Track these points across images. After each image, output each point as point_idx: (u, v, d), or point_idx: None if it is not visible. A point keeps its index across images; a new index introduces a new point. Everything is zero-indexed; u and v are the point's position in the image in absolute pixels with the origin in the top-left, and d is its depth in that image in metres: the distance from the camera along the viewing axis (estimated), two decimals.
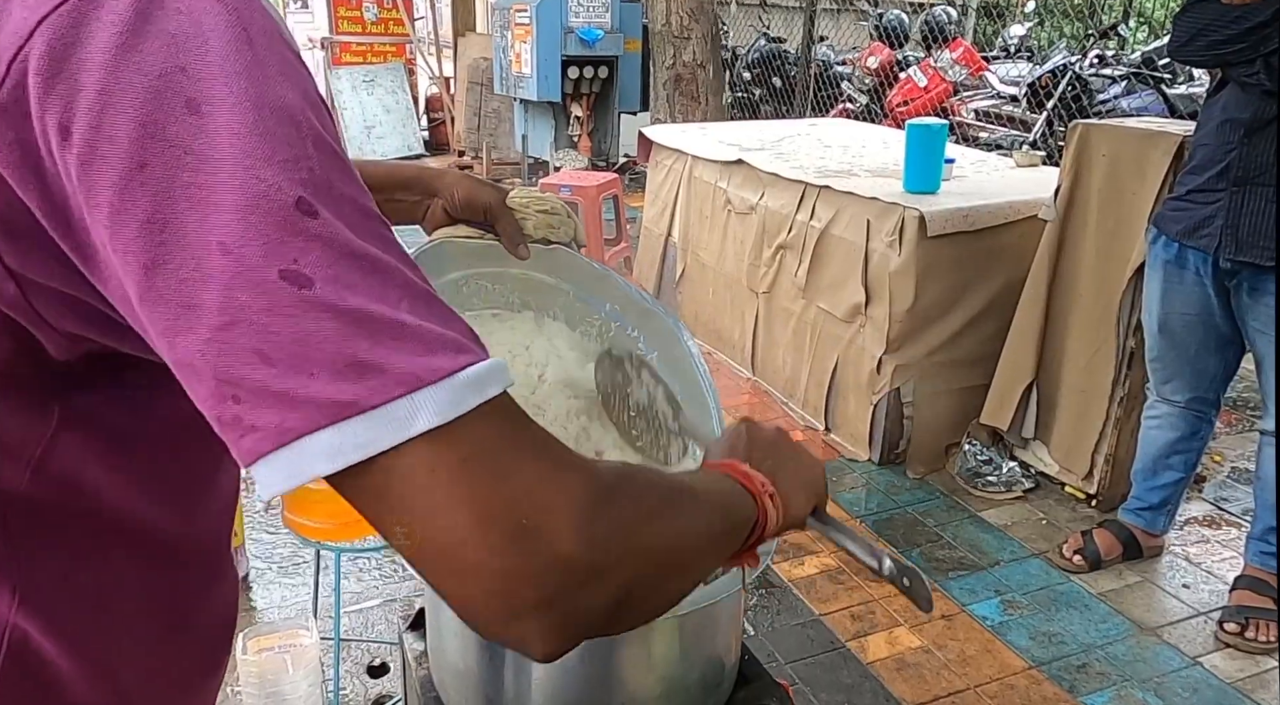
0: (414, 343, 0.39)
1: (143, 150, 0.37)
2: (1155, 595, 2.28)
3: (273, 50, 0.40)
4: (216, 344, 0.37)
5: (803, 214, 3.05)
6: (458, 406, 0.39)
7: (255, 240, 0.37)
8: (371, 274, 0.39)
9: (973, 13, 8.01)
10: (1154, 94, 4.87)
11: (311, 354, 0.37)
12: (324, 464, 0.38)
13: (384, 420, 0.38)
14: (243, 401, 0.38)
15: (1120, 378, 2.50)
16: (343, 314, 0.38)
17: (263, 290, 0.37)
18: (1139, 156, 2.35)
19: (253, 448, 0.38)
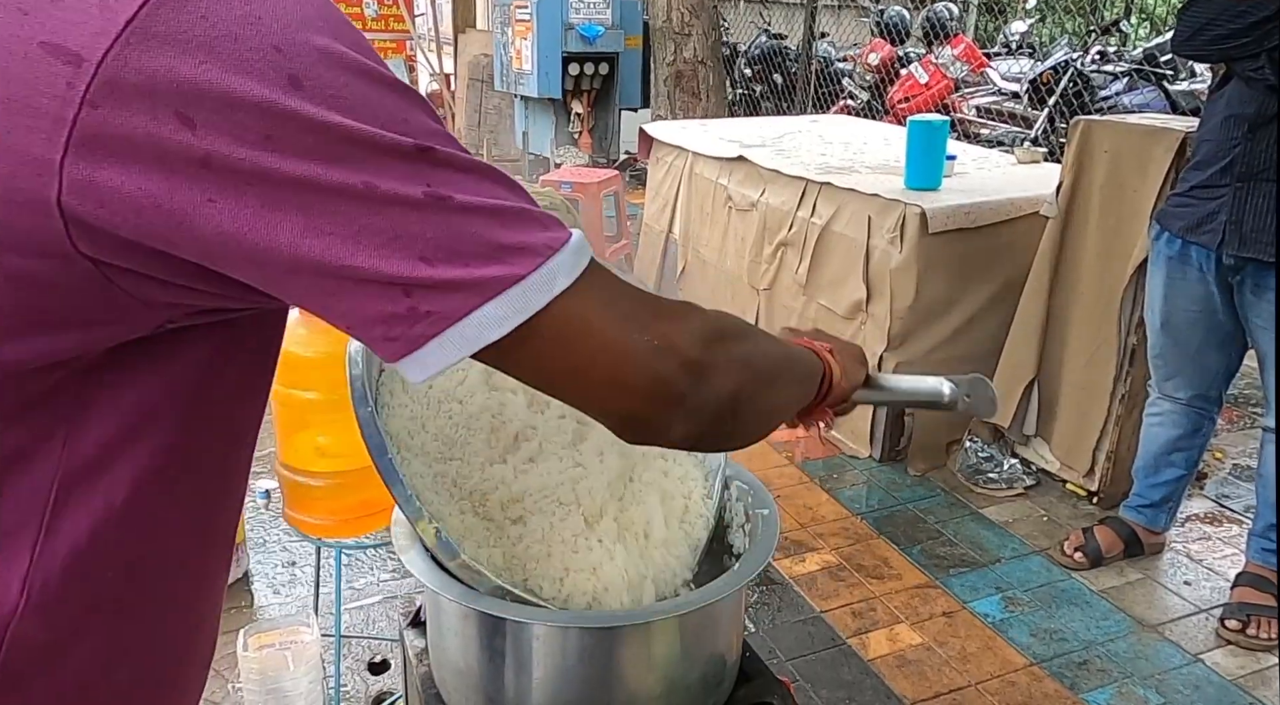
0: (535, 222, 0.48)
1: (265, 124, 0.41)
2: (1156, 592, 2.28)
3: (343, 24, 0.45)
4: (385, 257, 0.44)
5: (804, 210, 3.04)
6: (580, 265, 0.48)
7: (395, 176, 0.44)
8: (484, 178, 0.47)
9: (974, 9, 7.99)
10: (1155, 90, 4.86)
11: (464, 248, 0.45)
12: (495, 330, 0.46)
13: (534, 285, 0.46)
14: (413, 295, 0.45)
15: (1122, 375, 2.49)
16: (480, 211, 0.46)
17: (414, 206, 0.44)
18: (1141, 153, 2.35)
19: (425, 331, 0.45)
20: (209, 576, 0.59)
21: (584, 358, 0.49)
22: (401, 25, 7.51)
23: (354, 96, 0.43)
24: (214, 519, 0.58)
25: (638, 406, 0.52)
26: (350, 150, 0.43)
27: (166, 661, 0.57)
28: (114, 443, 0.48)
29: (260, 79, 0.41)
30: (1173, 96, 4.80)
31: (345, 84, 0.43)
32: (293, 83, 0.41)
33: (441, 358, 0.46)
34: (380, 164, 0.43)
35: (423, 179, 0.44)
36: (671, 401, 0.52)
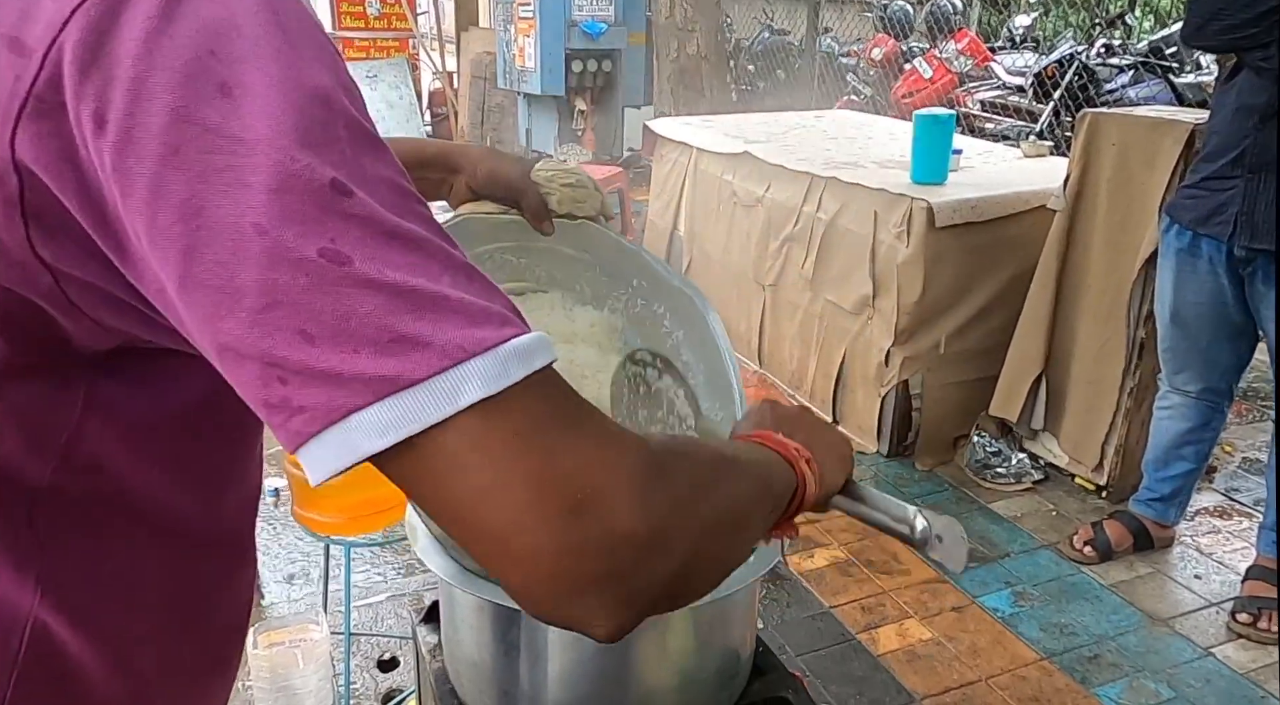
0: (457, 315, 0.39)
1: (176, 135, 0.37)
2: (1167, 586, 2.27)
3: (304, 34, 0.40)
4: (259, 326, 0.37)
5: (809, 206, 3.04)
6: (505, 377, 0.39)
7: (292, 221, 0.37)
8: (410, 250, 0.39)
9: (977, 3, 7.96)
10: (1161, 83, 4.84)
11: (355, 330, 0.37)
12: (374, 440, 0.38)
13: (431, 393, 0.37)
14: (289, 383, 0.38)
15: (1131, 368, 2.48)
16: (384, 289, 0.38)
17: (302, 269, 0.37)
18: (1149, 145, 2.33)
19: (301, 429, 0.38)
20: (229, 568, 0.59)
21: (476, 502, 0.39)
22: (404, 23, 7.51)
23: (283, 112, 0.38)
24: (230, 507, 0.57)
25: (546, 574, 0.39)
26: (251, 176, 0.37)
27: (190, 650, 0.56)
28: (123, 435, 0.48)
29: (184, 84, 0.37)
30: (1179, 89, 4.78)
31: (277, 98, 0.38)
32: (221, 91, 0.37)
33: (326, 462, 0.38)
34: (280, 200, 0.37)
35: (325, 231, 0.37)
36: (592, 579, 0.39)
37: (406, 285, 0.38)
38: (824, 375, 3.06)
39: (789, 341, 3.24)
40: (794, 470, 0.58)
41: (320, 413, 0.38)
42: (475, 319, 0.39)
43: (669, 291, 0.95)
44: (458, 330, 0.38)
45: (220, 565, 0.58)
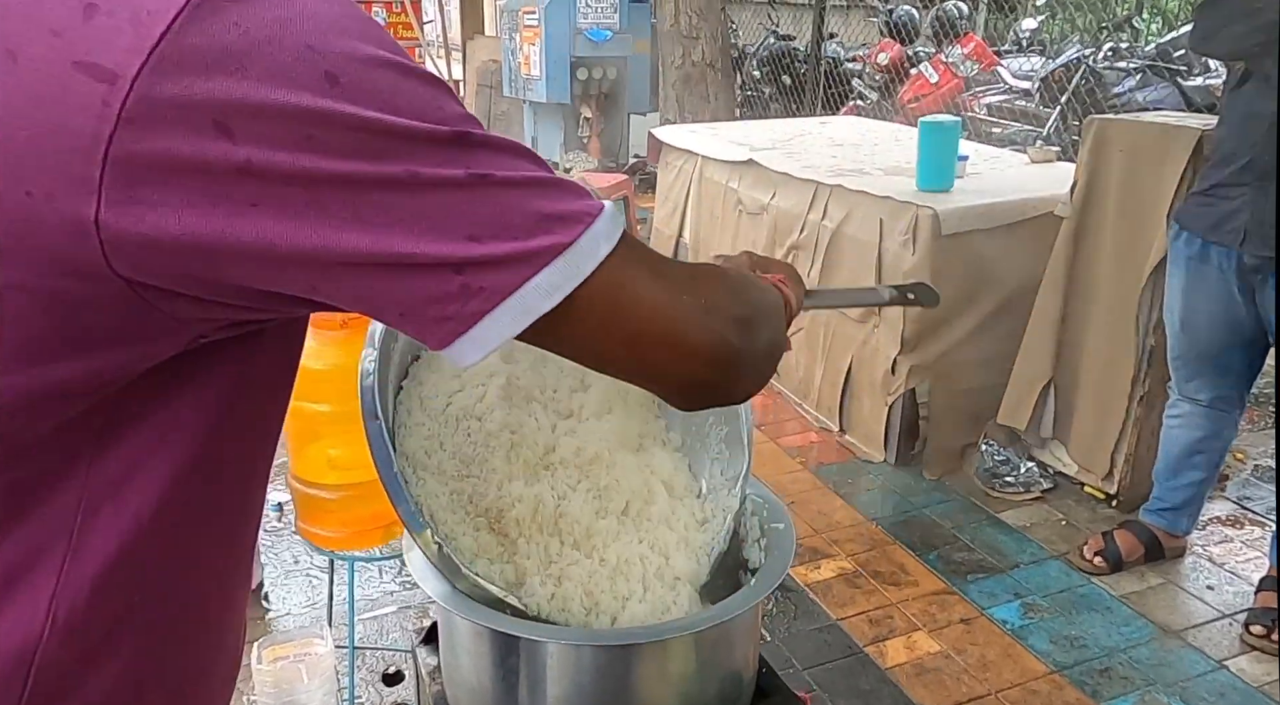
0: (570, 193, 0.49)
1: (303, 125, 0.42)
2: (1178, 597, 2.24)
3: (358, 17, 0.45)
4: (433, 239, 0.45)
5: (815, 213, 3.02)
6: (617, 230, 0.49)
7: (436, 162, 0.45)
8: (523, 156, 0.48)
9: (984, 7, 7.94)
10: (1169, 87, 4.81)
11: (512, 220, 0.46)
12: (548, 300, 0.47)
13: (581, 251, 0.47)
14: (465, 272, 0.46)
15: (1140, 376, 2.46)
16: (522, 185, 0.47)
17: (459, 187, 0.45)
18: (1157, 151, 2.32)
19: (479, 308, 0.46)
20: (233, 589, 0.59)
21: (639, 323, 0.51)
22: (410, 33, 7.53)
23: (388, 90, 0.44)
24: (237, 531, 0.58)
25: (699, 369, 0.54)
26: (390, 143, 0.43)
27: (194, 676, 0.57)
28: (140, 461, 0.48)
29: (296, 81, 0.41)
30: (1187, 92, 4.74)
31: (379, 79, 0.44)
32: (329, 80, 0.42)
33: (497, 333, 0.47)
34: (421, 153, 0.44)
35: (462, 162, 0.45)
36: (732, 360, 0.55)
37: (531, 177, 0.47)
38: (830, 384, 3.05)
39: (795, 349, 3.21)
40: (780, 294, 0.74)
41: (499, 288, 0.46)
42: (579, 192, 0.49)
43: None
44: (578, 201, 0.49)
45: (228, 590, 0.59)
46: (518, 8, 5.74)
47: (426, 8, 8.12)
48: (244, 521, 0.58)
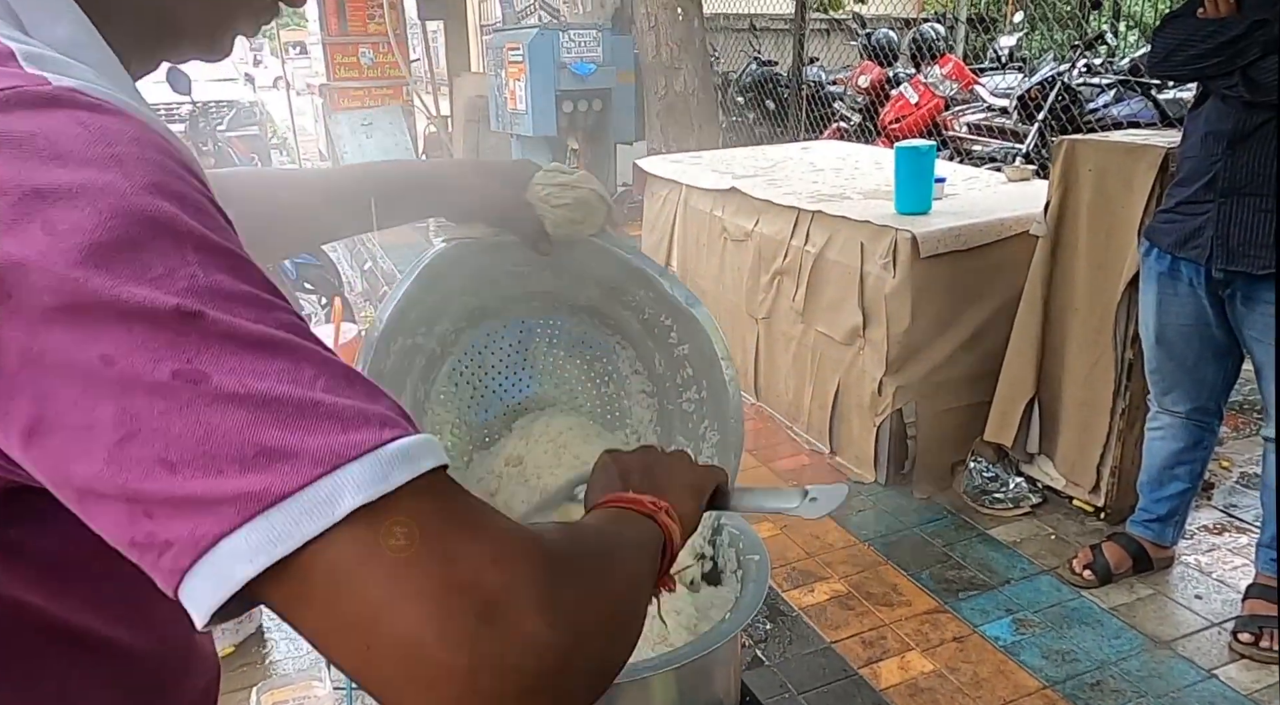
0: (330, 421, 0.36)
1: (6, 281, 0.34)
2: (1168, 607, 2.27)
3: (141, 159, 0.38)
4: (116, 461, 0.35)
5: (797, 239, 3.08)
6: (386, 481, 0.36)
7: (140, 349, 0.35)
8: (277, 356, 0.37)
9: (962, 25, 8.08)
10: (1143, 101, 4.89)
11: (217, 450, 0.34)
12: (246, 565, 0.34)
13: (304, 506, 0.34)
14: (154, 516, 0.35)
15: (1120, 389, 2.50)
16: (246, 401, 0.35)
17: (157, 393, 0.34)
18: (1125, 170, 2.37)
19: (172, 565, 0.35)
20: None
21: (369, 623, 0.35)
22: (397, 72, 7.65)
23: (118, 246, 0.35)
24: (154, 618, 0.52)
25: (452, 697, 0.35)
26: (91, 313, 0.34)
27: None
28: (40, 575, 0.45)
29: (10, 224, 0.35)
30: (1162, 106, 4.83)
31: (113, 232, 0.35)
32: (45, 227, 0.35)
33: (205, 598, 0.35)
34: (124, 329, 0.35)
35: (177, 352, 0.35)
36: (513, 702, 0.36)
37: (272, 394, 0.35)
38: (819, 406, 3.08)
39: (784, 373, 3.26)
40: (656, 524, 0.57)
41: (187, 544, 0.34)
42: (351, 423, 0.36)
43: (673, 307, 0.93)
44: (331, 436, 0.36)
45: (162, 677, 0.55)
46: (503, 44, 5.84)
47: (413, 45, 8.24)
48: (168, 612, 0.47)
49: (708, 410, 0.95)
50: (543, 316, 0.98)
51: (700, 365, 0.95)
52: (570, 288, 0.96)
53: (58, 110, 0.38)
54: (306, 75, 9.86)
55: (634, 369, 1.00)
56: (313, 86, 8.26)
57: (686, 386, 0.97)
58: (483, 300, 0.94)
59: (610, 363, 1.00)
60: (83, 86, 0.39)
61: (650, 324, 0.96)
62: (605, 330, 0.99)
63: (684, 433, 0.99)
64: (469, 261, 0.88)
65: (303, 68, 10.60)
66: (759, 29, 8.16)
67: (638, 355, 0.99)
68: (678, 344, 0.95)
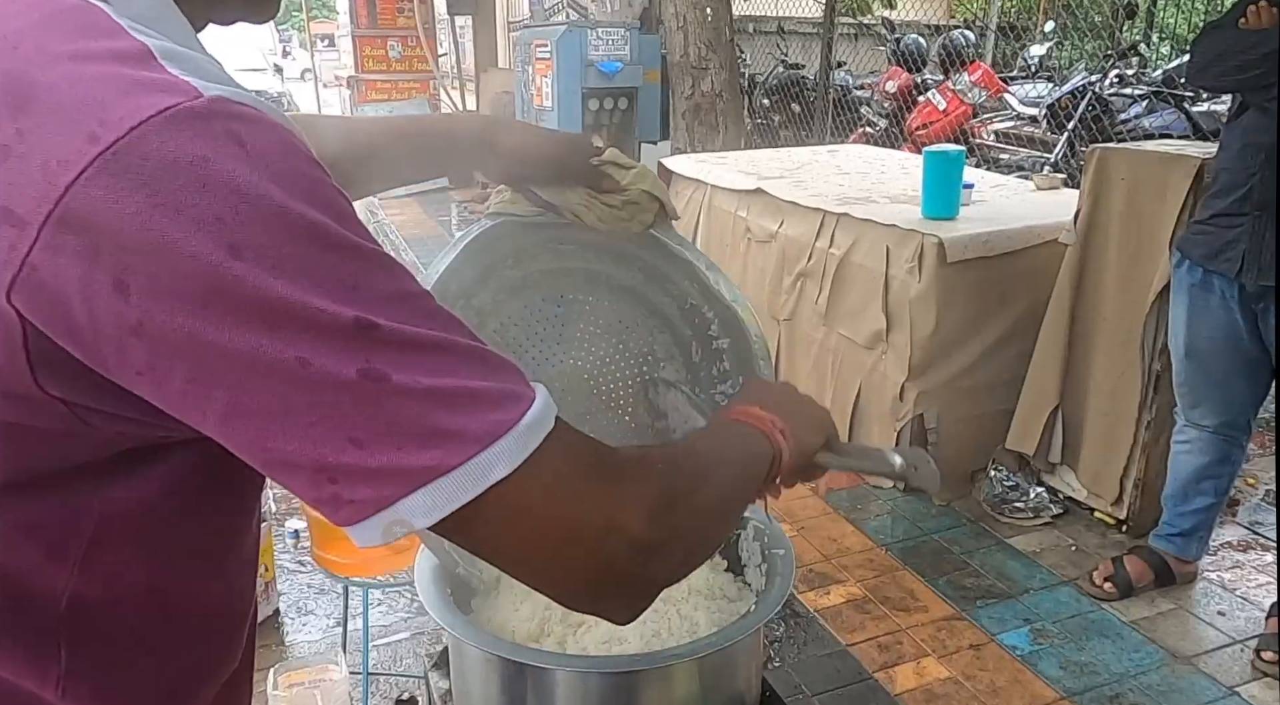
0: (480, 405, 0.45)
1: (201, 299, 0.40)
2: (1189, 623, 2.24)
3: (295, 176, 0.43)
4: (311, 440, 0.43)
5: (822, 241, 3.06)
6: (525, 449, 0.46)
7: (330, 353, 0.42)
8: (435, 354, 0.45)
9: (992, 34, 8.02)
10: (1176, 112, 4.84)
11: (398, 433, 0.43)
12: (420, 519, 0.44)
13: (467, 475, 0.44)
14: (338, 481, 0.43)
15: (1147, 401, 2.48)
16: (418, 394, 0.44)
17: (346, 388, 0.42)
18: (1158, 180, 2.35)
19: (350, 516, 0.44)
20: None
21: (523, 543, 0.47)
22: (425, 66, 7.68)
23: (298, 262, 0.42)
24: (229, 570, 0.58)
25: (581, 589, 0.50)
26: (284, 323, 0.41)
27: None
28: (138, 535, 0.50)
29: (199, 247, 0.40)
30: (1194, 118, 4.77)
31: (290, 249, 0.42)
32: (232, 252, 0.40)
33: (375, 537, 0.45)
34: (315, 338, 0.42)
35: (360, 356, 0.42)
36: (618, 586, 0.50)
37: (437, 387, 0.44)
38: (839, 410, 3.07)
39: (805, 376, 3.25)
40: (770, 442, 0.68)
41: (369, 504, 0.44)
42: (495, 403, 0.46)
43: (717, 301, 0.94)
44: (484, 415, 0.45)
45: (229, 630, 0.60)
46: (530, 40, 5.85)
47: (441, 40, 8.28)
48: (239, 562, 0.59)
49: None
50: (583, 292, 0.97)
51: (738, 362, 0.95)
52: (612, 268, 0.95)
53: (215, 124, 0.42)
54: (334, 67, 9.93)
55: (669, 354, 1.00)
56: (340, 79, 8.32)
57: (722, 379, 0.97)
58: (525, 272, 0.93)
59: (646, 344, 1.00)
60: (228, 93, 0.43)
61: (691, 314, 0.96)
62: (644, 312, 0.98)
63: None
64: (514, 238, 0.88)
65: (330, 60, 10.68)
66: (787, 32, 8.14)
67: (674, 341, 0.99)
68: (718, 337, 0.96)
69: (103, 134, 0.40)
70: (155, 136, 0.40)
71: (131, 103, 0.41)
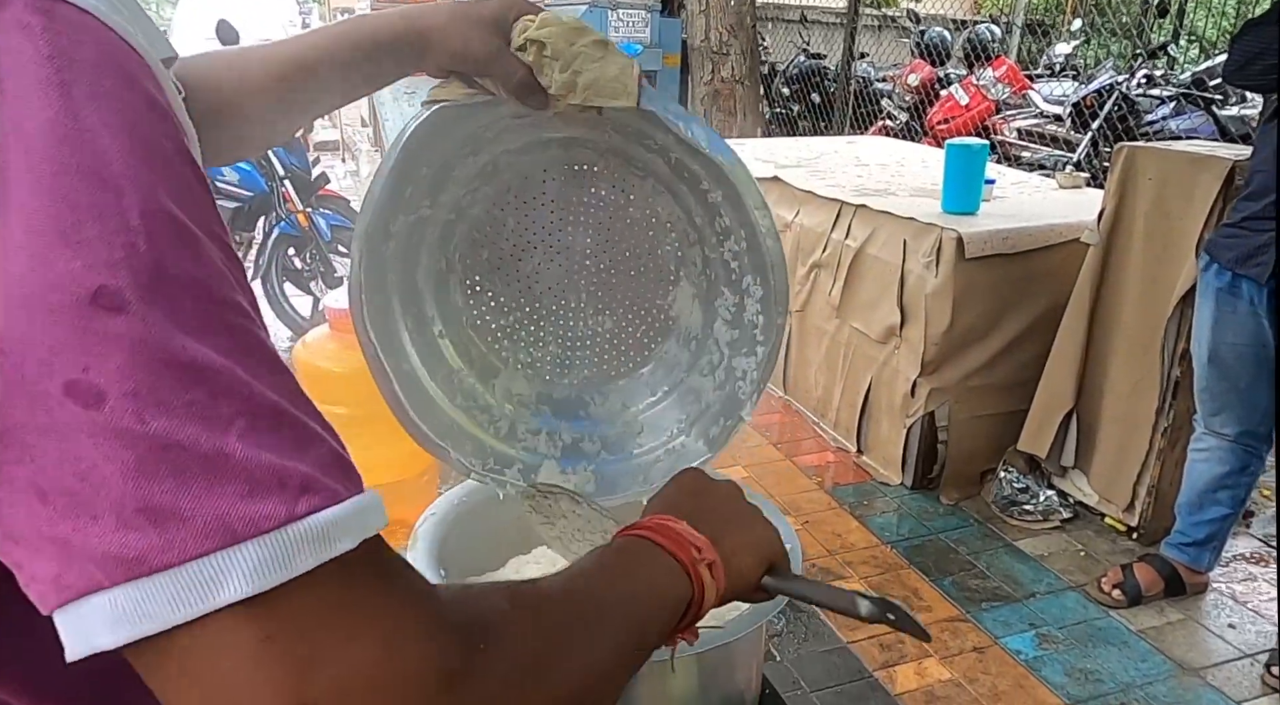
0: (236, 480, 0.30)
1: None
2: (1199, 634, 2.20)
3: (100, 90, 0.31)
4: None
5: (838, 232, 3.01)
6: (285, 568, 0.30)
7: (37, 342, 0.29)
8: (193, 384, 0.30)
9: (1017, 30, 7.91)
10: (1204, 115, 4.75)
11: (96, 493, 0.29)
12: (104, 634, 0.29)
13: (180, 584, 0.29)
14: (20, 543, 0.30)
15: (1164, 407, 2.42)
16: (141, 440, 0.29)
17: (41, 406, 0.29)
18: (1187, 181, 2.29)
19: (40, 599, 0.30)
20: None
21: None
22: None
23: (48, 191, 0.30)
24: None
25: None
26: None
27: None
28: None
29: None
30: (1222, 122, 4.69)
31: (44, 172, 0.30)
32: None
33: (71, 643, 0.30)
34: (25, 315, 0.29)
35: (77, 358, 0.29)
36: None
37: (173, 437, 0.29)
38: (849, 404, 3.03)
39: (815, 368, 3.21)
40: (688, 575, 0.50)
41: (50, 589, 0.30)
42: (260, 486, 0.30)
43: (697, 152, 0.80)
44: (231, 502, 0.30)
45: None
46: None
47: None
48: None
49: (749, 262, 0.86)
50: (566, 163, 0.87)
51: (735, 214, 0.84)
52: (589, 132, 0.83)
53: (4, 12, 0.31)
54: None
55: (673, 214, 0.89)
56: None
57: (725, 236, 0.86)
58: (491, 156, 0.83)
59: (649, 209, 0.89)
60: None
61: (679, 168, 0.84)
62: (637, 173, 0.87)
63: (728, 284, 0.89)
64: (459, 125, 0.76)
65: None
66: (809, 21, 8.05)
67: (675, 200, 0.88)
68: (710, 190, 0.84)
69: None
70: None
71: None
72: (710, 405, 0.92)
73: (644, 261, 0.92)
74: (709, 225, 0.88)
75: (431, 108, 0.73)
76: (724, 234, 0.87)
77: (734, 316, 0.90)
